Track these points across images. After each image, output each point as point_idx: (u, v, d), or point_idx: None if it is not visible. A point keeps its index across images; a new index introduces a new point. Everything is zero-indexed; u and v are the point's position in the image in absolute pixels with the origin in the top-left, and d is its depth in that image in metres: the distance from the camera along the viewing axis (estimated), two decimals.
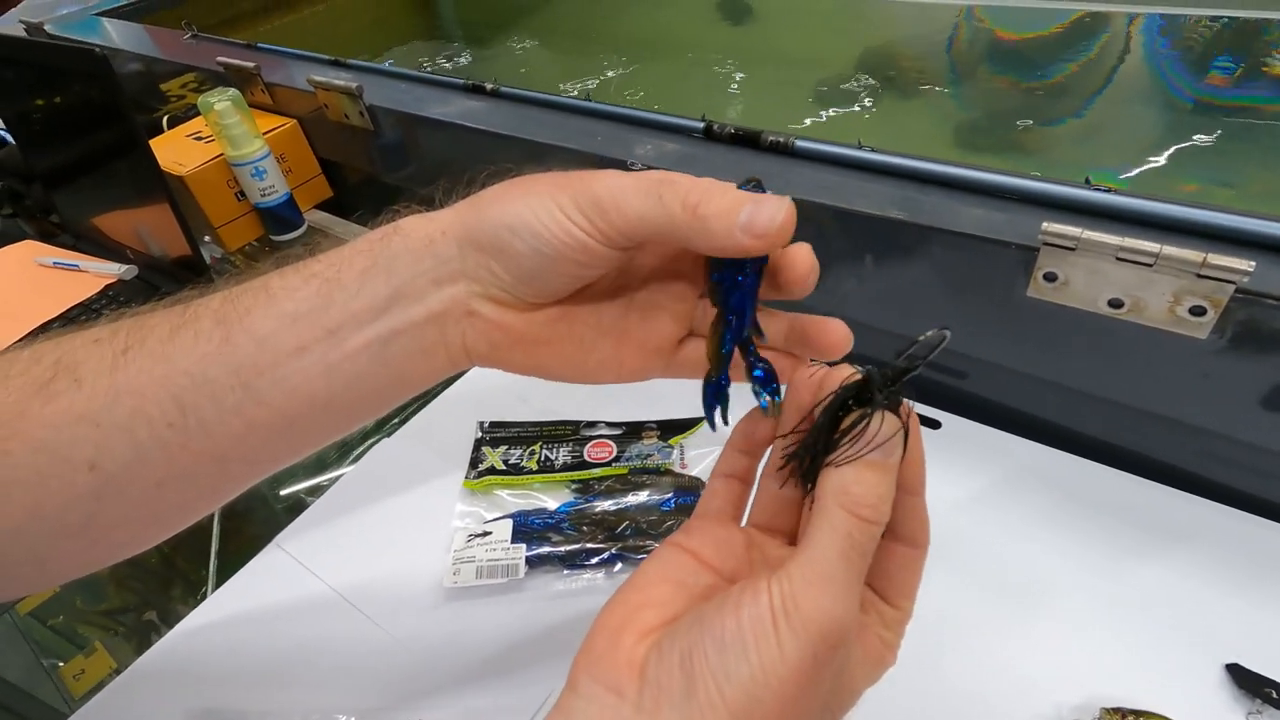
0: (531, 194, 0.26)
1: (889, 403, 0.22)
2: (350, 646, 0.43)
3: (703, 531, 0.27)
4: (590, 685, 0.23)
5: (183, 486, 0.28)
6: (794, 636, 0.20)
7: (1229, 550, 0.42)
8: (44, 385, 0.26)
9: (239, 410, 0.26)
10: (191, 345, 0.26)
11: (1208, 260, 0.35)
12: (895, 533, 0.24)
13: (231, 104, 0.74)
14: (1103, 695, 0.36)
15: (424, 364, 0.27)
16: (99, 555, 0.30)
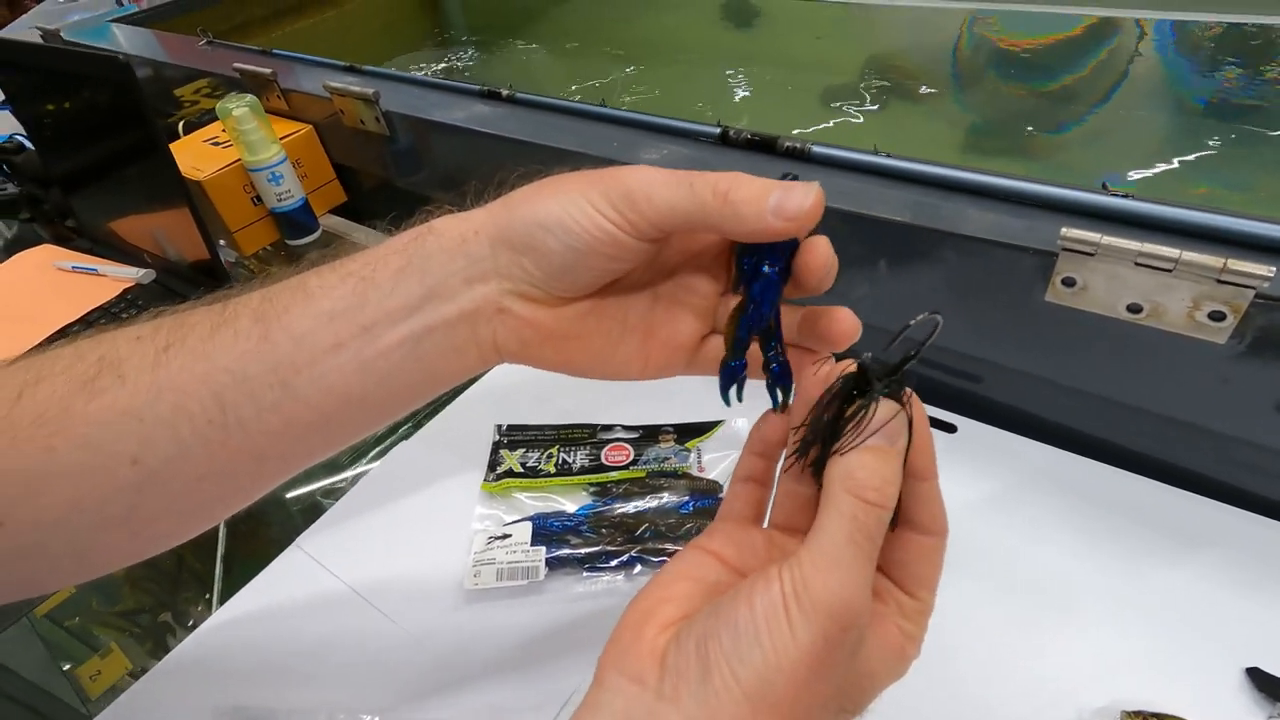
0: (562, 192, 0.27)
1: (889, 390, 0.23)
2: (373, 647, 0.44)
3: (724, 533, 0.28)
4: (615, 678, 0.23)
5: (221, 481, 0.28)
6: (804, 619, 0.21)
7: (1248, 554, 0.42)
8: (88, 382, 0.27)
9: (277, 408, 0.27)
10: (231, 343, 0.27)
11: (1227, 265, 0.35)
12: (910, 520, 0.25)
13: (249, 110, 0.75)
14: (1123, 699, 0.36)
15: (456, 361, 0.28)
16: (139, 547, 0.30)
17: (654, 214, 0.25)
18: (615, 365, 0.29)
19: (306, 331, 0.27)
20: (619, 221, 0.26)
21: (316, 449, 0.29)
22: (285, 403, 0.27)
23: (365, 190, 0.91)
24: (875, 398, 0.23)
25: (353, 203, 0.91)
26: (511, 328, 0.28)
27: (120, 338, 0.28)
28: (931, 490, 0.25)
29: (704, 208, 0.25)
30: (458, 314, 0.27)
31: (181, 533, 0.31)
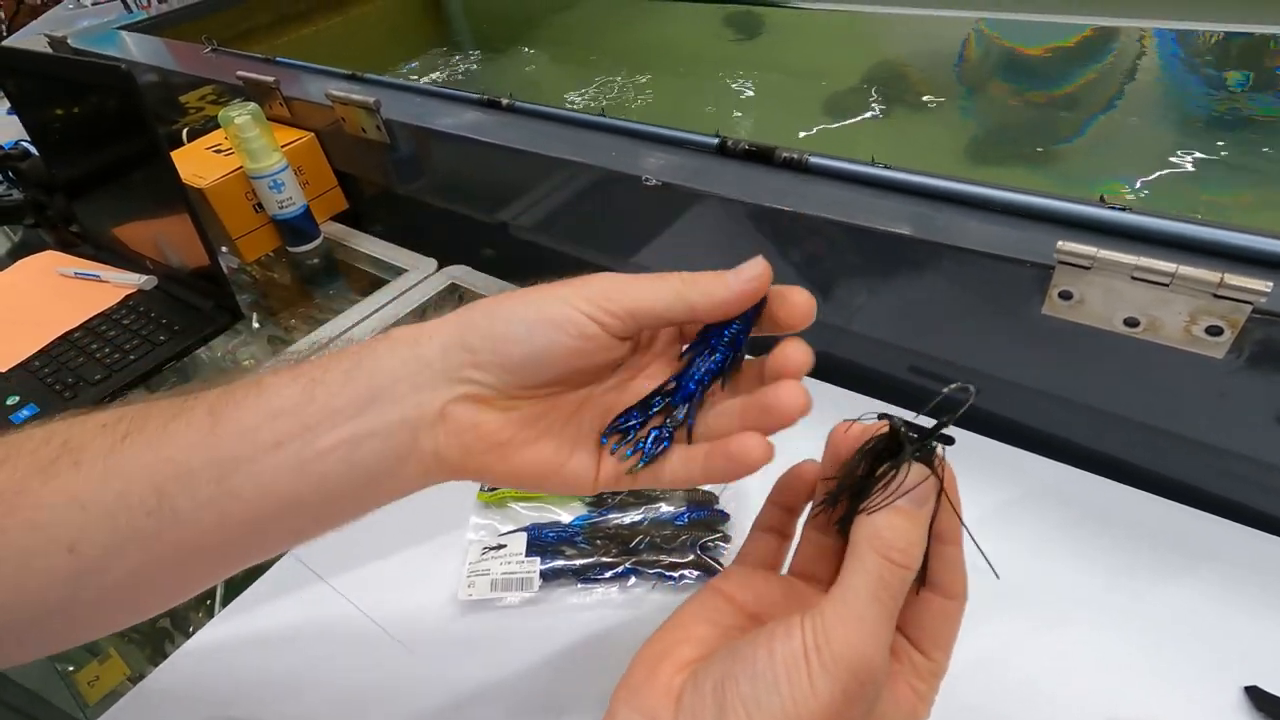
0: (533, 293, 0.27)
1: (921, 454, 0.23)
2: (365, 657, 0.44)
3: (740, 577, 0.28)
4: (629, 714, 0.24)
5: (155, 575, 0.28)
6: (824, 672, 0.21)
7: (1248, 570, 0.41)
8: (48, 465, 0.27)
9: (213, 503, 0.26)
10: (182, 433, 0.27)
11: (1224, 280, 0.35)
12: (932, 583, 0.25)
13: (251, 118, 0.75)
14: (1118, 715, 0.36)
15: (395, 468, 0.27)
16: (78, 634, 0.30)
17: (630, 305, 0.26)
18: (565, 477, 0.28)
19: (250, 427, 0.26)
20: (594, 314, 0.26)
21: (253, 549, 0.28)
22: (221, 499, 0.26)
23: (366, 198, 0.91)
24: (907, 460, 0.23)
25: (354, 210, 0.91)
26: (454, 433, 0.27)
27: (87, 423, 0.28)
28: (956, 555, 0.25)
29: (674, 292, 0.26)
30: (399, 419, 0.26)
31: (118, 624, 0.30)
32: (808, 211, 0.49)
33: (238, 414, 0.27)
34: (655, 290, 0.27)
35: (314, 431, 0.26)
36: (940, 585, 0.25)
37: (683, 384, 0.28)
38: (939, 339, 0.51)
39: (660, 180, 0.55)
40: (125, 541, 0.26)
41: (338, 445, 0.26)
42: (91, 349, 0.72)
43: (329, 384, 0.27)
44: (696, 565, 0.45)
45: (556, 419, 0.28)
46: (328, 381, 0.27)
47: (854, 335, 0.55)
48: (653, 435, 0.28)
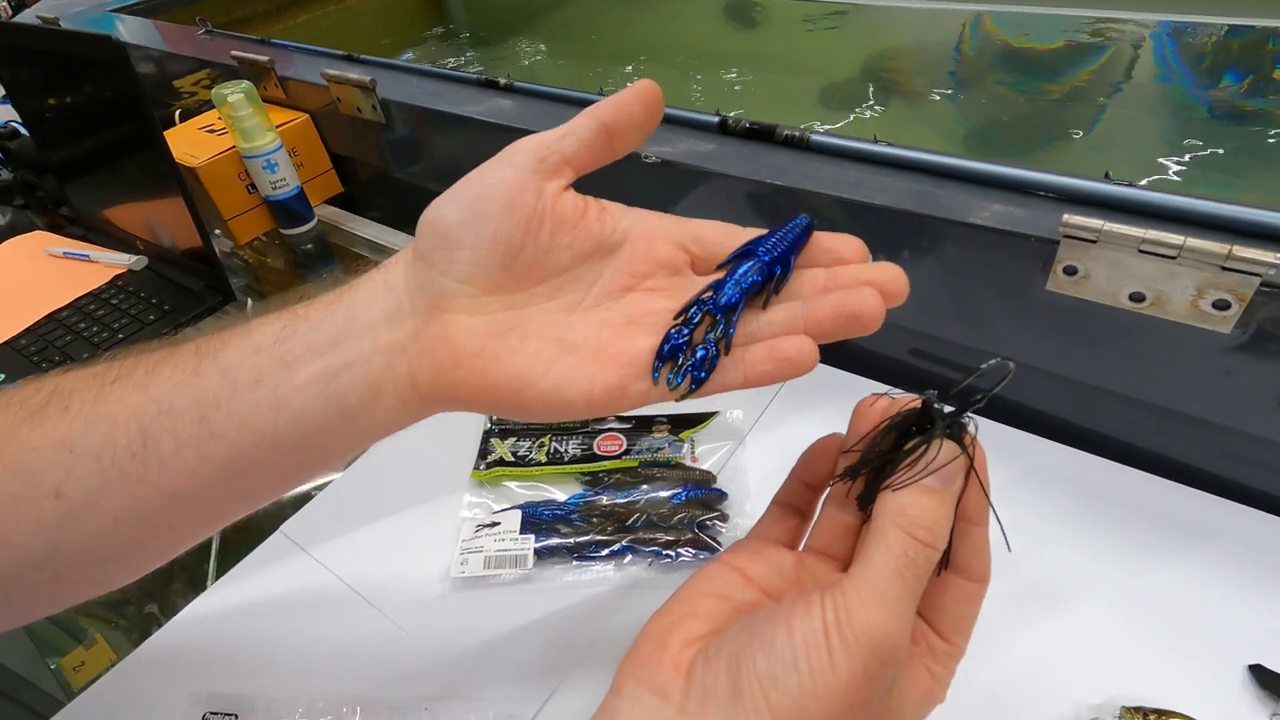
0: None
1: (950, 431, 0.22)
2: (355, 635, 0.43)
3: (752, 551, 0.27)
4: (635, 688, 0.23)
5: (139, 523, 0.27)
6: (845, 649, 0.20)
7: (1251, 551, 0.41)
8: (36, 411, 0.27)
9: (194, 442, 0.26)
10: (168, 375, 0.27)
11: (1233, 252, 0.35)
12: (955, 564, 0.24)
13: (245, 96, 0.74)
14: (1123, 695, 0.36)
15: (371, 400, 0.26)
16: (62, 591, 0.30)
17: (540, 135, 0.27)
18: (549, 388, 0.25)
19: (233, 364, 0.26)
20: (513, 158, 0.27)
21: (235, 496, 0.28)
22: (201, 438, 0.26)
23: (361, 181, 0.90)
24: (937, 437, 0.22)
25: (349, 193, 0.90)
26: (425, 352, 0.25)
27: (77, 373, 0.28)
28: (981, 536, 0.24)
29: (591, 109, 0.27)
30: (372, 348, 0.26)
31: (100, 580, 0.30)
32: (809, 188, 0.48)
33: (222, 353, 0.27)
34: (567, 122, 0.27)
35: (292, 366, 0.26)
36: (963, 567, 0.24)
37: (722, 290, 0.26)
38: (940, 319, 0.50)
39: (660, 157, 0.54)
40: (109, 484, 0.26)
41: (314, 379, 0.26)
42: (79, 328, 0.71)
43: (310, 319, 0.27)
44: (694, 544, 0.44)
45: (534, 328, 0.26)
46: (309, 317, 0.27)
47: None
48: (699, 355, 0.25)
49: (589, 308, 0.27)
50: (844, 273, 0.26)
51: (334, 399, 0.26)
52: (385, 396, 0.26)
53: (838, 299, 0.25)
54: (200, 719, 0.39)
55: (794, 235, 0.27)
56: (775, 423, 0.52)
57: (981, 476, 0.23)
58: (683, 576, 0.27)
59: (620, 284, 0.27)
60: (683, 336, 0.25)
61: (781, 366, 0.24)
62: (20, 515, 0.26)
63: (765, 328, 0.25)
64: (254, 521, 0.52)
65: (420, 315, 0.26)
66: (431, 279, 0.26)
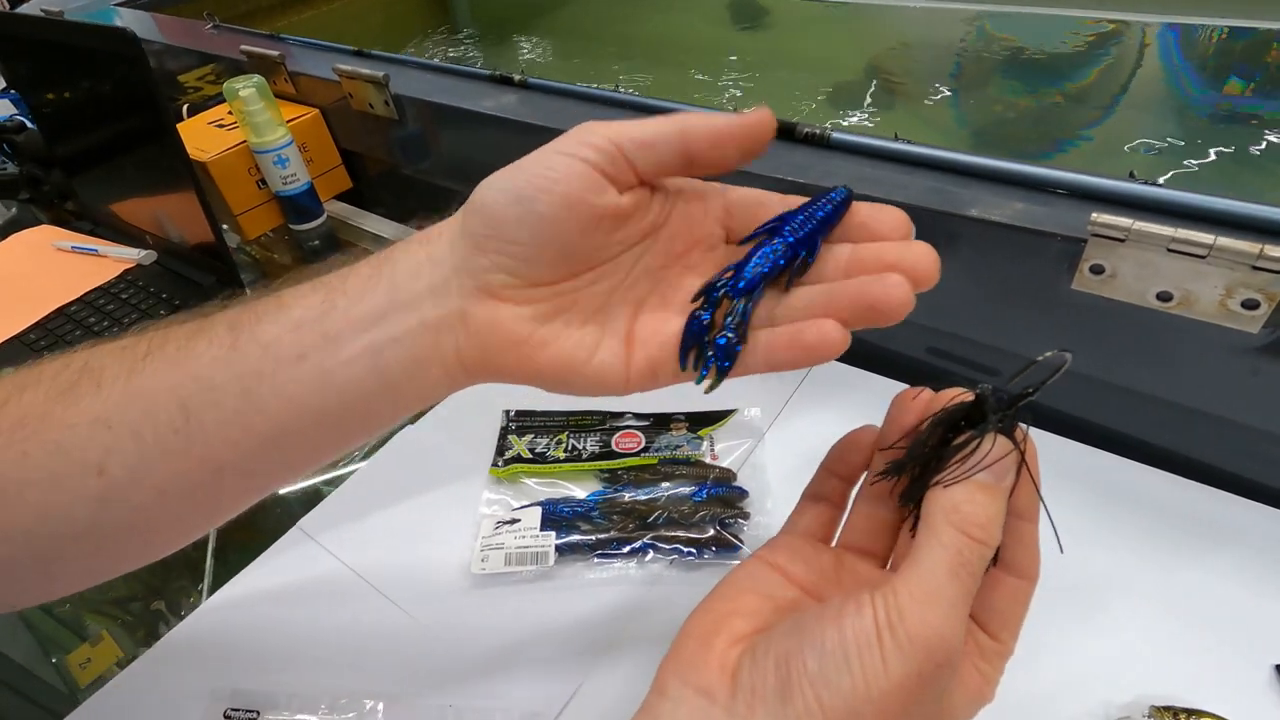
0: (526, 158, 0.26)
1: (1002, 425, 0.22)
2: (376, 631, 0.42)
3: (789, 548, 0.27)
4: (679, 689, 0.23)
5: (182, 496, 0.27)
6: (899, 651, 0.20)
7: (1277, 552, 0.41)
8: (69, 389, 0.27)
9: (238, 417, 0.26)
10: (204, 350, 0.27)
11: (1264, 251, 0.35)
12: (1004, 561, 0.24)
13: (256, 91, 0.74)
14: (1150, 694, 0.36)
15: (418, 374, 0.26)
16: (102, 564, 0.30)
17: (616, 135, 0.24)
18: (591, 373, 0.26)
19: (273, 339, 0.26)
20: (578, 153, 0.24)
21: (276, 466, 0.28)
22: (246, 412, 0.26)
23: (371, 177, 0.90)
24: (990, 431, 0.22)
25: (358, 189, 0.90)
26: (473, 334, 0.26)
27: (105, 348, 0.28)
28: (1032, 533, 0.24)
29: (672, 120, 0.24)
30: (419, 323, 0.26)
31: (142, 553, 0.30)
32: (829, 186, 0.48)
33: (259, 328, 0.26)
34: (648, 122, 0.25)
35: (336, 342, 0.26)
36: (1013, 564, 0.24)
37: (741, 273, 0.25)
38: (960, 317, 0.50)
39: None
40: (153, 460, 0.26)
41: (360, 354, 0.26)
42: (89, 322, 0.70)
43: (349, 293, 0.26)
44: (716, 541, 0.44)
45: (578, 313, 0.26)
46: (348, 290, 0.26)
47: None
48: (720, 345, 0.24)
49: (629, 288, 0.27)
50: (867, 253, 0.25)
51: (380, 373, 0.26)
52: (430, 370, 0.26)
53: (859, 286, 0.24)
54: (221, 715, 0.39)
55: (826, 211, 0.26)
56: (794, 420, 0.52)
57: (1033, 471, 0.23)
58: (705, 574, 0.26)
59: (656, 264, 0.27)
60: (703, 322, 0.25)
61: (803, 354, 0.24)
62: (62, 491, 0.26)
63: (787, 312, 0.25)
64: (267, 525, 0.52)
65: (468, 296, 0.25)
66: (480, 265, 0.25)
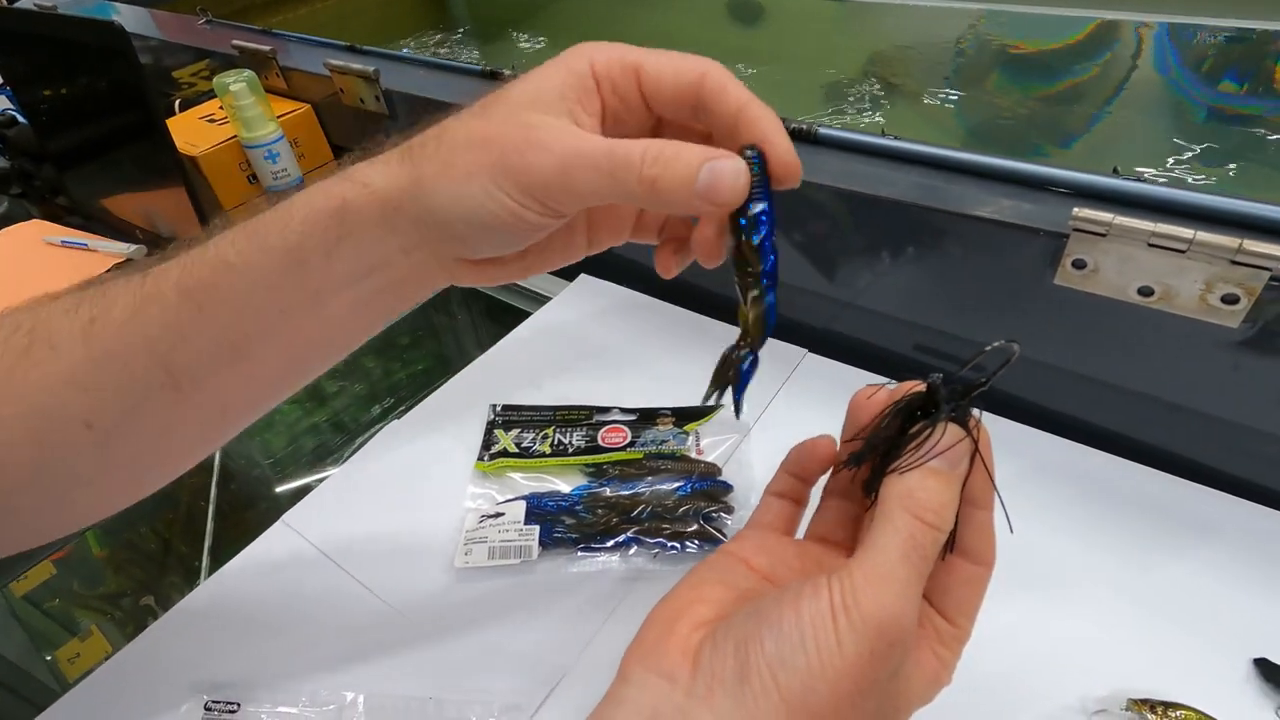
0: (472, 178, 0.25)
1: (955, 414, 0.22)
2: (359, 624, 0.42)
3: (755, 540, 0.28)
4: (642, 674, 0.23)
5: (186, 431, 0.29)
6: (853, 631, 0.20)
7: (1257, 547, 0.41)
8: (24, 352, 0.28)
9: (232, 366, 0.28)
10: (159, 315, 0.27)
11: (1243, 246, 0.35)
12: (960, 548, 0.24)
13: (247, 85, 0.74)
14: (1129, 687, 0.36)
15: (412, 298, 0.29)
16: (117, 497, 0.32)
17: (572, 202, 0.25)
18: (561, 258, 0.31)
19: (246, 303, 0.27)
20: (537, 209, 0.25)
21: (283, 392, 0.31)
22: (240, 362, 0.28)
23: None
24: (942, 420, 0.22)
25: None
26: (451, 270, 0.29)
27: (50, 309, 0.29)
28: (986, 520, 0.24)
29: (629, 194, 0.24)
30: (403, 276, 0.28)
31: (155, 479, 0.32)
32: (817, 181, 0.48)
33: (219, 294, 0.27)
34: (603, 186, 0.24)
35: (319, 297, 0.27)
36: (969, 550, 0.24)
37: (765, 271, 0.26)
38: (947, 313, 0.50)
39: None
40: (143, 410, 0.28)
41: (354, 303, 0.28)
42: None
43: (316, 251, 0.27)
44: (699, 535, 0.44)
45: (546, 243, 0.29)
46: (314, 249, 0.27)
47: (860, 310, 0.54)
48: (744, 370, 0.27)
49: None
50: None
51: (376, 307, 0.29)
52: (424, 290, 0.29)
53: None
54: (202, 708, 0.39)
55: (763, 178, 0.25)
56: (780, 415, 0.52)
57: (986, 460, 0.23)
58: (688, 568, 0.27)
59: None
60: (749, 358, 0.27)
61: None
62: (54, 444, 0.28)
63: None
64: (256, 518, 0.52)
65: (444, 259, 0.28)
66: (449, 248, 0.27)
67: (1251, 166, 0.76)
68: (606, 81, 0.25)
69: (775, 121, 0.25)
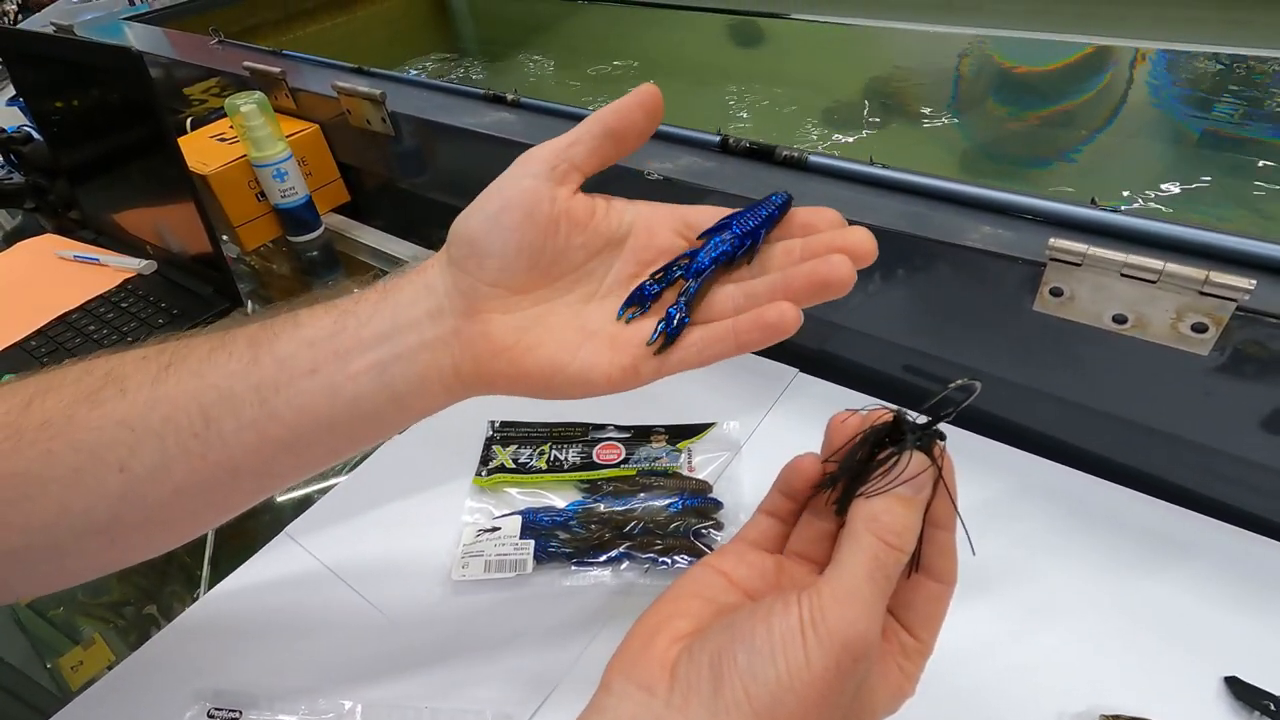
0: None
1: (921, 443, 0.24)
2: (357, 635, 0.44)
3: (736, 555, 0.29)
4: (623, 685, 0.24)
5: (197, 494, 0.30)
6: (819, 645, 0.22)
7: (1229, 567, 0.42)
8: (93, 393, 0.29)
9: (255, 424, 0.29)
10: (224, 362, 0.29)
11: (1210, 278, 0.36)
12: (925, 567, 0.26)
13: (257, 106, 0.76)
14: (1103, 703, 0.37)
15: (419, 388, 0.29)
16: (115, 557, 0.32)
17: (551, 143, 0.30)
18: (576, 372, 0.29)
19: (288, 355, 0.29)
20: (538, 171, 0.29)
21: (288, 468, 0.31)
22: (262, 420, 0.29)
23: (368, 190, 0.92)
24: (908, 448, 0.24)
25: (355, 202, 0.92)
26: (466, 347, 0.29)
27: (127, 356, 0.31)
28: (949, 541, 0.26)
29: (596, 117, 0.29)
30: (419, 342, 0.29)
31: (155, 545, 0.32)
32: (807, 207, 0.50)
33: (276, 344, 0.29)
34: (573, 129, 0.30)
35: (344, 359, 0.29)
36: (932, 569, 0.26)
37: (695, 258, 0.29)
38: (932, 336, 0.51)
39: (662, 174, 0.56)
40: (173, 461, 0.29)
41: (367, 369, 0.29)
42: (89, 330, 0.72)
43: (358, 315, 0.29)
44: (690, 550, 0.45)
45: (557, 321, 0.30)
46: (357, 313, 0.29)
47: (850, 332, 0.56)
48: (669, 314, 0.29)
49: (603, 296, 0.30)
50: (816, 241, 0.29)
51: (386, 386, 0.29)
52: (431, 384, 0.29)
53: (810, 267, 0.28)
54: (205, 715, 0.40)
55: (768, 211, 0.30)
56: (771, 434, 0.53)
57: (949, 486, 0.24)
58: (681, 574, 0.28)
59: (628, 273, 0.31)
60: (651, 290, 0.30)
61: (766, 332, 0.28)
62: (84, 487, 0.29)
63: (749, 300, 0.29)
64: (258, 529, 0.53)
65: (460, 314, 0.29)
66: (467, 283, 0.29)
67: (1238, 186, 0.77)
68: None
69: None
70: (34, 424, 0.29)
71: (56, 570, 0.32)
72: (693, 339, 0.29)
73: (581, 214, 0.30)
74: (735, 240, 0.29)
